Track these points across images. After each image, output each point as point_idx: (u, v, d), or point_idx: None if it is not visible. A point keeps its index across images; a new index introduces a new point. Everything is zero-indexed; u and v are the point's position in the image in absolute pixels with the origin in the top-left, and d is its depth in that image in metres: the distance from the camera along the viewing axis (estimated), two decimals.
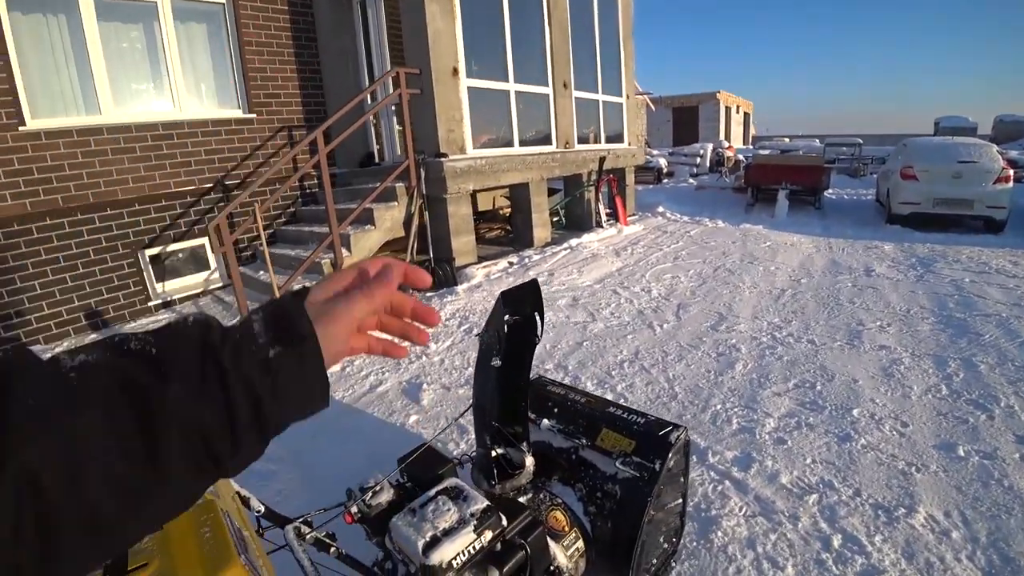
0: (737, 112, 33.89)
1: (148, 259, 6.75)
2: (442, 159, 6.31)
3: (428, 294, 6.16)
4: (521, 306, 1.49)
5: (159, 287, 6.84)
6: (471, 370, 4.06)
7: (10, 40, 5.63)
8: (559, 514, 1.68)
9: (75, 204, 6.20)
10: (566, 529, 1.64)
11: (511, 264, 7.27)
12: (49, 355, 0.41)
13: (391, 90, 6.61)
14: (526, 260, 7.39)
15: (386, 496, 1.39)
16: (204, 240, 7.03)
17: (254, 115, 7.32)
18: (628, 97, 10.35)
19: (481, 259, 7.28)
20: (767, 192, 11.15)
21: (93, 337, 6.01)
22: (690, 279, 6.24)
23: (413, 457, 1.54)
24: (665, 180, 16.54)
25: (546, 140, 8.42)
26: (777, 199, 10.44)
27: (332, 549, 1.30)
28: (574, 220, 9.67)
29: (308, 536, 1.26)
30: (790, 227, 9.30)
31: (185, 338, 0.44)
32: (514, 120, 7.66)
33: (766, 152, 16.60)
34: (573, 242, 8.29)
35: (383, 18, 7.49)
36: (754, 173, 11.40)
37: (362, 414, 3.57)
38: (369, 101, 6.84)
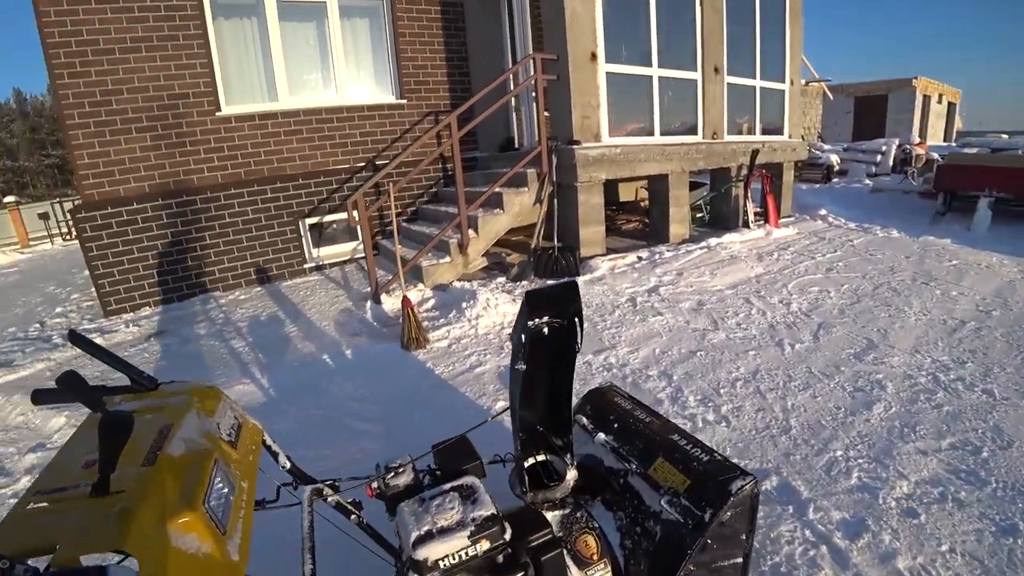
0: (939, 102, 28.80)
1: (308, 227, 7.58)
2: (574, 147, 6.21)
3: (548, 281, 6.14)
4: (560, 308, 1.37)
5: (314, 252, 7.67)
6: None
7: (213, 42, 6.66)
8: (591, 539, 1.52)
9: (253, 177, 7.16)
10: (595, 557, 1.48)
11: (640, 259, 6.96)
12: None
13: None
14: (656, 256, 7.03)
15: (406, 478, 1.37)
16: (353, 213, 7.73)
17: (405, 100, 7.83)
18: (792, 84, 9.32)
19: (610, 251, 7.08)
20: (964, 199, 9.25)
21: (258, 291, 6.92)
22: (841, 295, 5.42)
23: (446, 445, 1.51)
24: (836, 179, 14.68)
25: (691, 130, 7.89)
26: (977, 208, 8.63)
27: (354, 516, 1.32)
28: (719, 217, 8.99)
29: (330, 499, 1.29)
30: (989, 244, 7.62)
31: None
32: (655, 107, 7.27)
33: (970, 151, 14.00)
34: (712, 241, 7.71)
35: (527, 5, 7.52)
36: (948, 175, 9.52)
37: (456, 392, 3.66)
38: (511, 86, 6.93)
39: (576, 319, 1.36)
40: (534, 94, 6.64)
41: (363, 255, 7.82)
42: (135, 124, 6.48)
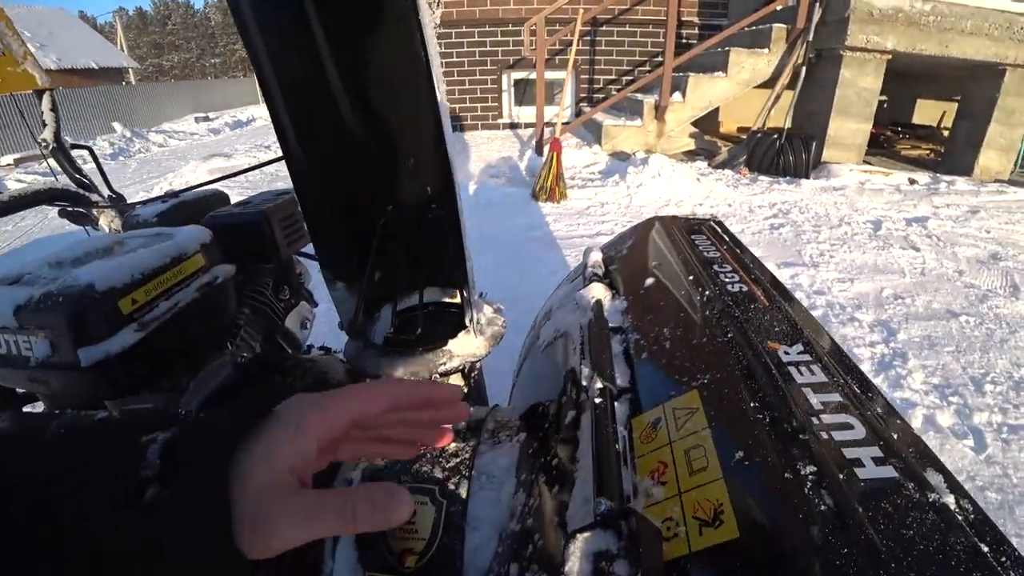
0: None
1: (512, 81, 6.98)
2: None
3: (761, 177, 4.62)
4: None
5: (514, 110, 7.10)
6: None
7: None
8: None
9: (464, 19, 6.66)
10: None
11: (912, 183, 4.90)
12: None
13: None
14: (942, 186, 4.87)
15: None
16: (563, 73, 6.87)
17: None
18: None
19: (866, 163, 5.13)
20: None
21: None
22: None
23: None
24: None
25: None
26: None
27: None
28: None
29: None
30: None
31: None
32: None
33: None
34: None
35: None
36: None
37: (557, 253, 2.78)
38: None
39: None
40: None
41: (565, 120, 7.04)
42: None
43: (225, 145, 8.25)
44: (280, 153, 0.71)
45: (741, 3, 6.47)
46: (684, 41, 6.67)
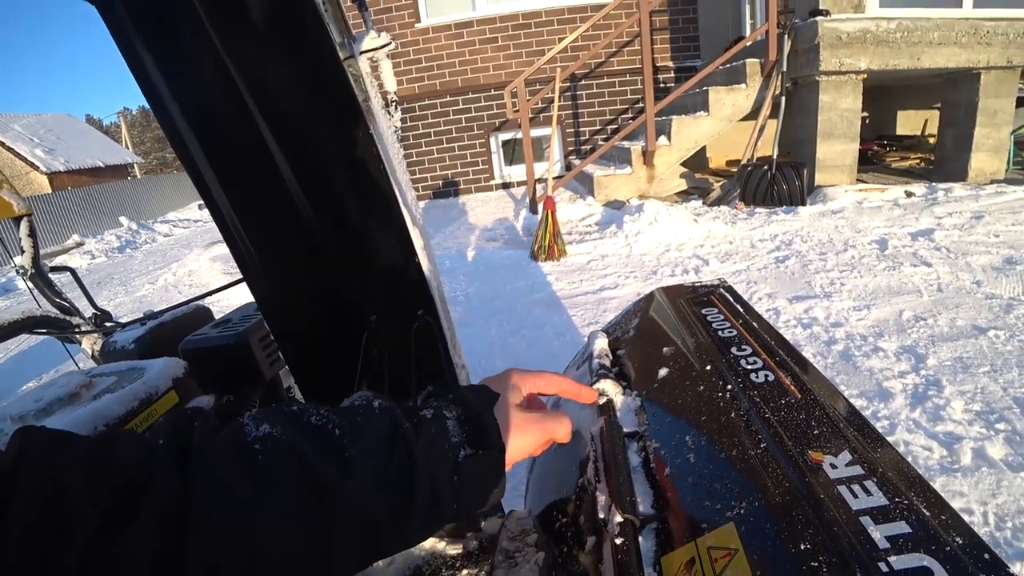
0: None
1: (500, 143, 7.13)
2: (819, 19, 4.38)
3: (757, 209, 4.60)
4: None
5: (504, 170, 7.22)
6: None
7: None
8: None
9: (447, 88, 6.90)
10: None
11: (909, 195, 4.87)
12: (235, 420, 0.38)
13: None
14: (939, 195, 4.84)
15: None
16: (548, 130, 7.02)
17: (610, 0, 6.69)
18: None
19: (860, 182, 5.12)
20: None
21: (441, 202, 6.76)
22: None
23: None
24: None
25: None
26: None
27: None
28: None
29: None
30: None
31: (375, 424, 0.41)
32: None
33: None
34: None
35: None
36: None
37: (561, 313, 2.74)
38: None
39: None
40: None
41: (556, 175, 7.14)
42: None
43: None
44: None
45: (712, 43, 6.67)
46: (662, 85, 6.83)
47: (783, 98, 4.66)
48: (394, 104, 0.66)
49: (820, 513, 0.42)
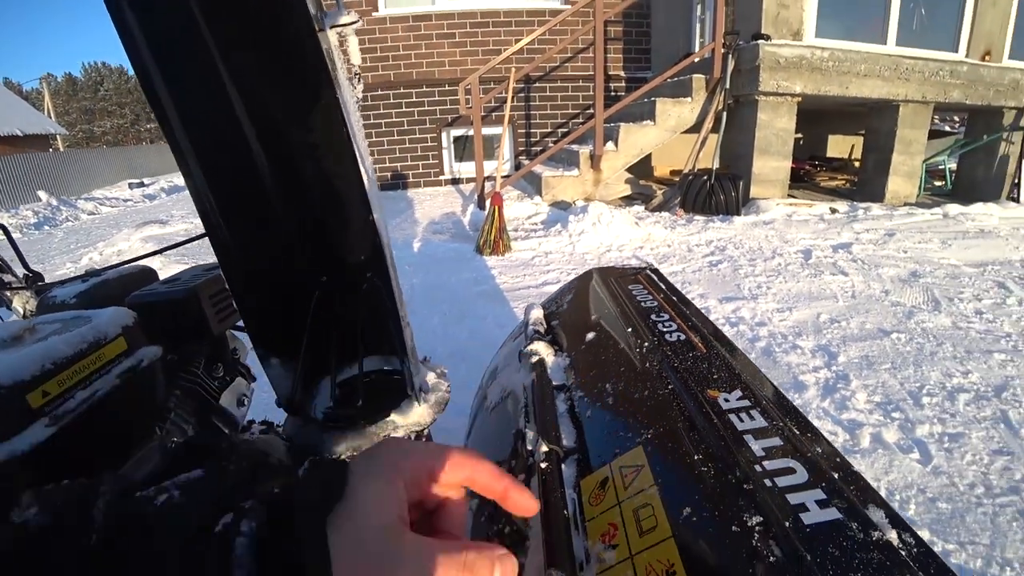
0: None
1: (452, 138, 7.13)
2: (760, 42, 4.67)
3: (695, 216, 4.83)
4: None
5: (455, 165, 7.23)
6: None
7: None
8: None
9: (400, 80, 6.85)
10: None
11: (834, 211, 5.24)
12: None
13: None
14: (860, 213, 5.23)
15: None
16: (500, 129, 7.09)
17: (568, 6, 6.84)
18: None
19: (791, 197, 5.45)
20: None
21: (389, 194, 6.70)
22: None
23: None
24: None
25: (947, 43, 5.62)
26: None
27: None
28: (969, 184, 6.52)
29: None
30: None
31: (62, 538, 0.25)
32: (893, 1, 5.27)
33: None
34: (952, 209, 5.52)
35: None
36: None
37: (503, 306, 2.80)
38: None
39: None
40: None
41: (505, 174, 7.21)
42: None
43: (161, 211, 7.97)
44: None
45: (663, 56, 6.94)
46: (613, 93, 7.04)
47: (725, 114, 4.93)
48: (357, 77, 0.70)
49: (712, 433, 0.50)
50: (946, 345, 2.68)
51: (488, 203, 3.92)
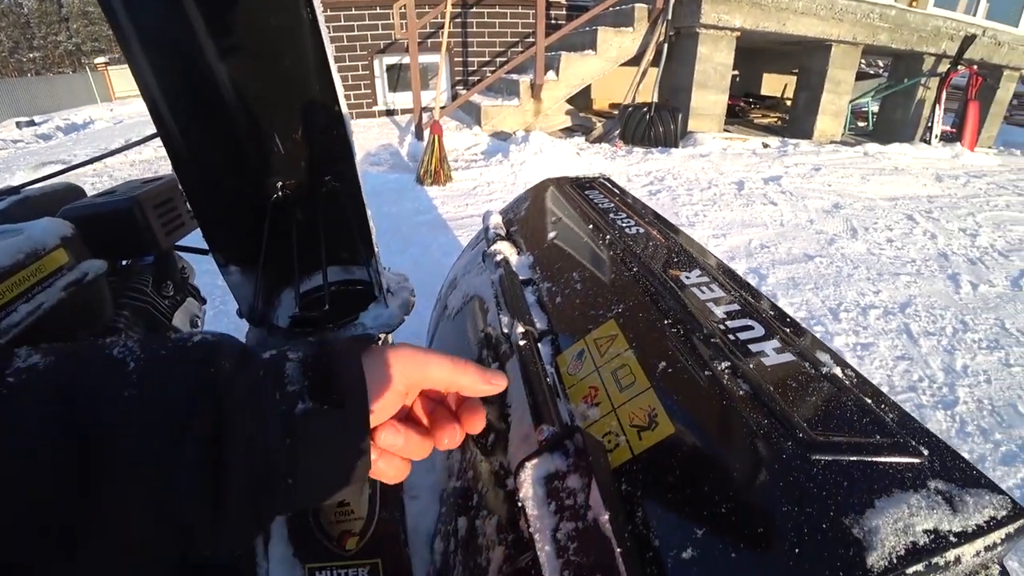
0: None
1: (384, 67, 6.75)
2: None
3: (635, 148, 4.89)
4: None
5: (388, 96, 6.89)
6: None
7: None
8: None
9: (328, 2, 6.33)
10: None
11: (766, 146, 5.43)
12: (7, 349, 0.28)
13: None
14: (789, 148, 5.45)
15: None
16: (437, 57, 6.78)
17: None
18: None
19: (726, 132, 5.60)
20: None
21: None
22: None
23: None
24: None
25: None
26: None
27: None
28: (888, 125, 6.91)
29: None
30: None
31: (183, 359, 0.30)
32: None
33: None
34: (872, 147, 5.85)
35: None
36: None
37: (447, 234, 2.77)
38: None
39: None
40: None
41: (442, 105, 6.97)
42: None
43: (61, 152, 7.19)
44: (155, 130, 0.64)
45: None
46: (554, 22, 6.83)
47: (666, 46, 4.92)
48: None
49: (678, 303, 0.53)
50: (861, 268, 2.92)
51: (427, 133, 3.80)
